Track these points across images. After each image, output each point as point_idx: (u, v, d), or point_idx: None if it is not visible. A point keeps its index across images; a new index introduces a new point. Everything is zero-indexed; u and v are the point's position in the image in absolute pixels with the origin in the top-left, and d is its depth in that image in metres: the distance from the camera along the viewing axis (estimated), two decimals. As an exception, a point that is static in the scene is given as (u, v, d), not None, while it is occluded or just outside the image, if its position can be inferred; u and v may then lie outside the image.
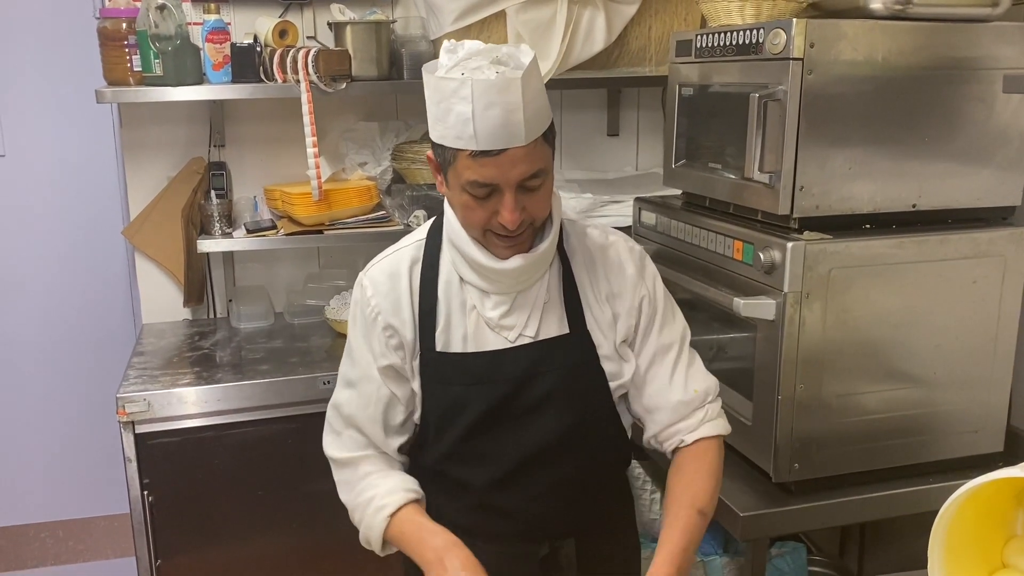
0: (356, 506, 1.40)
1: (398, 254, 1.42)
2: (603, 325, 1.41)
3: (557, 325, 1.39)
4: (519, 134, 1.22)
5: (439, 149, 1.29)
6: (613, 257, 1.44)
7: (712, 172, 1.95)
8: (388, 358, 1.38)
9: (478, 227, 1.30)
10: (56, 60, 2.98)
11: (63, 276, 3.13)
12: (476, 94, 1.19)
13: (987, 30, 1.74)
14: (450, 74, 1.23)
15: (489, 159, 1.22)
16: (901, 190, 1.76)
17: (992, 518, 1.17)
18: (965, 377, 1.82)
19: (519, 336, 1.37)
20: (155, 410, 2.17)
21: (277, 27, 2.46)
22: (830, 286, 1.69)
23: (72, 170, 3.07)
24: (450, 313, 1.37)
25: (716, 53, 1.88)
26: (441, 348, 1.37)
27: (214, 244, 2.52)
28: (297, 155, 2.59)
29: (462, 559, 1.27)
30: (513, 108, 1.20)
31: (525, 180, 1.25)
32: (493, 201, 1.26)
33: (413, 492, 1.39)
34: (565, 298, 1.40)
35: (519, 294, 1.37)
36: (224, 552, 2.31)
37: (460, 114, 1.21)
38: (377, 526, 1.36)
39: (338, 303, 2.68)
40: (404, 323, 1.37)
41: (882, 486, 1.79)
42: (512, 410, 1.37)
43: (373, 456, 1.42)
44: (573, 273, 1.41)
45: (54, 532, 3.27)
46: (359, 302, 1.41)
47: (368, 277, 1.41)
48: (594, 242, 1.45)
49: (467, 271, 1.36)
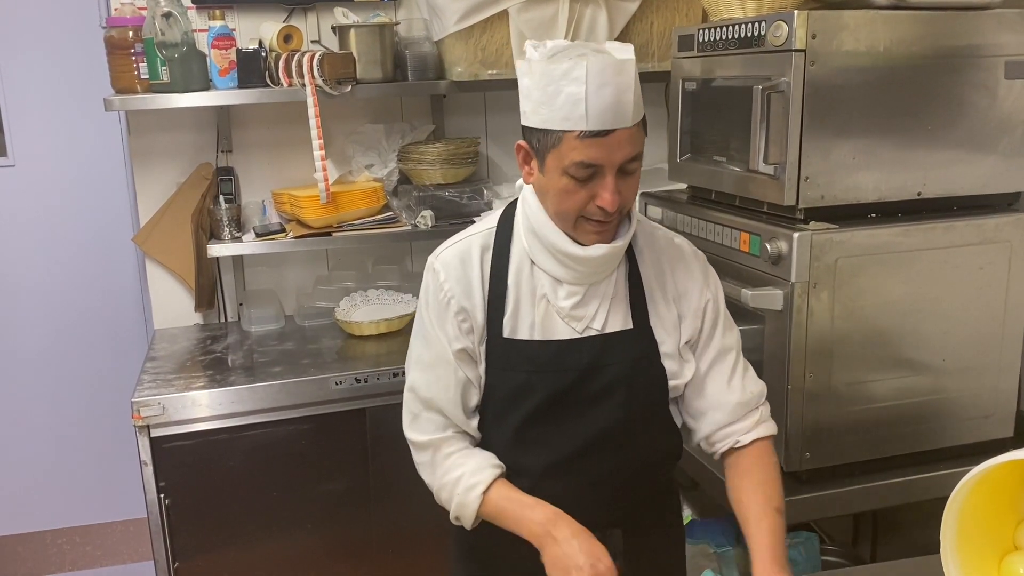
0: (443, 486, 1.41)
1: (469, 240, 1.43)
2: (667, 324, 1.43)
3: (622, 320, 1.41)
4: (627, 115, 1.25)
5: (539, 135, 1.29)
6: (680, 258, 1.46)
7: (717, 165, 1.96)
8: (461, 341, 1.39)
9: (573, 212, 1.30)
10: (63, 69, 3.00)
11: (75, 284, 3.15)
12: (591, 74, 1.22)
13: (988, 17, 1.74)
14: (559, 57, 1.25)
15: (597, 140, 1.24)
16: (906, 179, 1.77)
17: (1003, 501, 1.18)
18: (974, 363, 1.83)
19: (587, 328, 1.39)
20: (169, 414, 2.19)
21: (281, 32, 2.48)
22: (837, 275, 1.70)
23: (81, 178, 3.10)
24: (519, 300, 1.39)
25: (718, 47, 1.89)
26: (508, 334, 1.39)
27: (224, 248, 2.53)
28: (304, 158, 2.61)
29: (571, 528, 1.29)
30: (624, 89, 1.24)
31: (627, 162, 1.27)
32: (592, 185, 1.28)
33: (499, 467, 1.40)
34: (631, 294, 1.42)
35: (591, 286, 1.38)
36: (241, 553, 2.32)
37: (571, 95, 1.23)
38: (471, 504, 1.37)
39: (348, 305, 2.69)
40: (475, 307, 1.39)
41: (893, 473, 1.80)
42: (573, 399, 1.39)
43: (452, 437, 1.43)
44: (640, 270, 1.43)
45: (71, 538, 3.29)
46: (431, 286, 1.41)
47: (440, 261, 1.41)
48: (661, 242, 1.47)
49: (546, 259, 1.37)
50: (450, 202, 2.62)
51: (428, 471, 1.44)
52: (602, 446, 1.41)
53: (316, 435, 2.30)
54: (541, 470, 1.41)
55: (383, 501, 2.35)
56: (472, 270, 1.39)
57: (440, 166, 2.60)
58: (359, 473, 2.34)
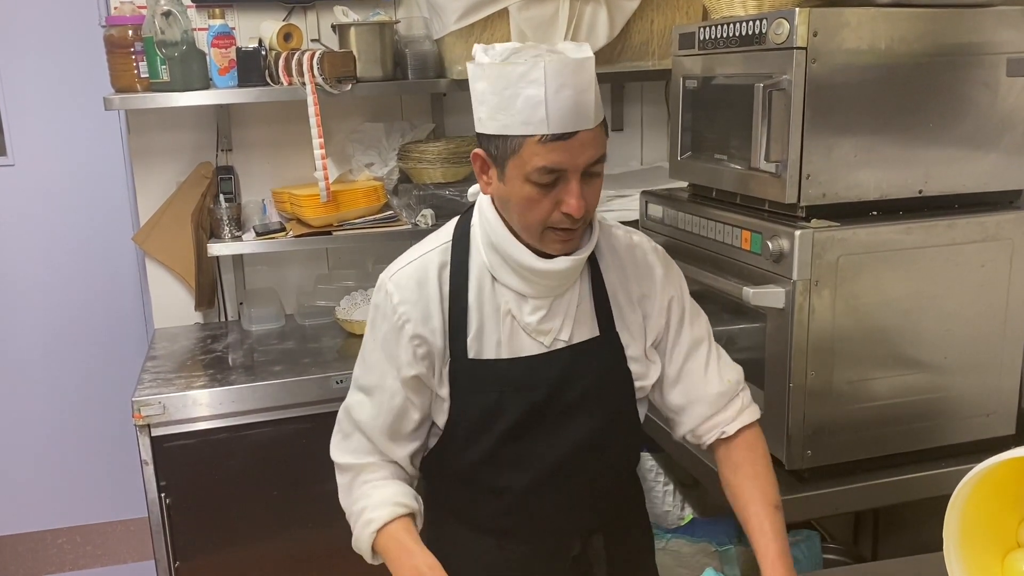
0: (350, 514, 1.39)
1: (425, 259, 1.36)
2: (632, 327, 1.40)
3: (588, 328, 1.38)
4: (589, 116, 1.20)
5: (497, 141, 1.24)
6: (640, 259, 1.43)
7: (718, 163, 1.96)
8: (414, 368, 1.33)
9: (539, 223, 1.25)
10: (63, 69, 3.01)
11: (75, 283, 3.15)
12: (549, 76, 1.17)
13: (989, 15, 1.74)
14: (513, 59, 1.21)
15: (560, 143, 1.19)
16: (907, 176, 1.77)
17: (1006, 499, 1.18)
18: (975, 361, 1.83)
19: (554, 341, 1.35)
20: (170, 413, 2.19)
21: (281, 31, 2.48)
22: (839, 273, 1.69)
23: (81, 177, 3.10)
24: (483, 319, 1.33)
25: (719, 45, 1.89)
26: (474, 355, 1.33)
27: (224, 248, 2.53)
28: (304, 157, 2.61)
29: None
30: (584, 89, 1.19)
31: (591, 165, 1.23)
32: (555, 191, 1.22)
33: (403, 507, 1.34)
34: (595, 301, 1.38)
35: (556, 298, 1.34)
36: (242, 552, 2.32)
37: (530, 98, 1.18)
38: (365, 539, 1.33)
39: (348, 303, 2.69)
40: (434, 332, 1.32)
41: (895, 471, 1.80)
42: (546, 414, 1.35)
43: (375, 464, 1.38)
44: (603, 276, 1.40)
45: (72, 538, 3.29)
46: (382, 307, 1.35)
47: (394, 282, 1.34)
48: (621, 243, 1.43)
49: (508, 275, 1.32)
50: (450, 201, 2.62)
51: (345, 495, 1.41)
52: (579, 456, 1.38)
53: (317, 434, 2.28)
54: (521, 488, 1.38)
55: (384, 500, 2.35)
56: (430, 291, 1.33)
57: (440, 165, 2.60)
58: (360, 472, 2.34)
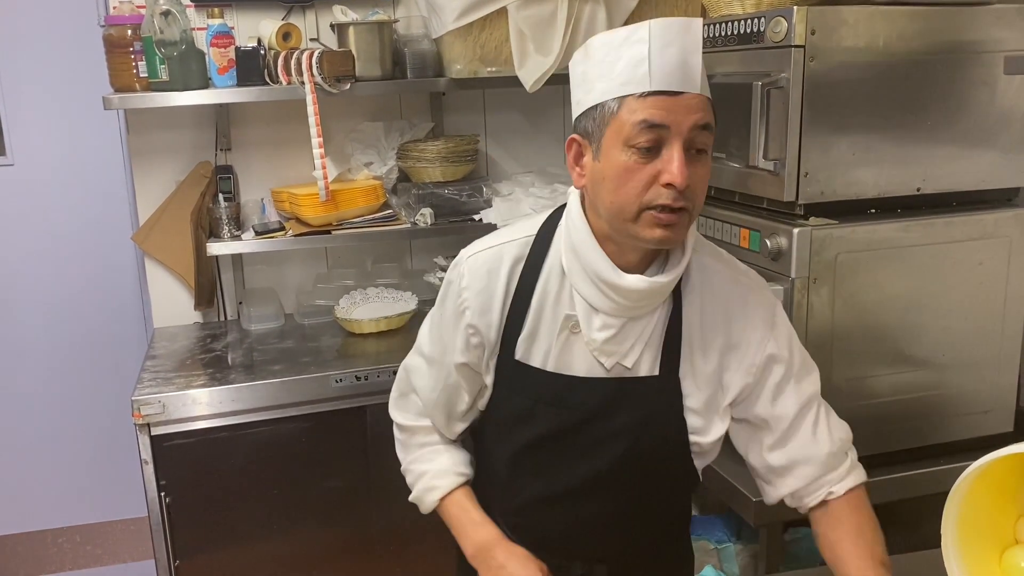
0: (408, 471, 1.45)
1: (503, 248, 1.30)
2: (700, 376, 1.29)
3: (650, 365, 1.28)
4: (695, 79, 1.13)
5: (594, 113, 1.17)
6: (739, 304, 1.30)
7: (717, 161, 1.95)
8: (465, 355, 1.32)
9: (635, 198, 1.14)
10: (62, 68, 3.00)
11: (74, 283, 3.15)
12: (654, 33, 1.11)
13: (987, 13, 1.75)
14: (618, 29, 1.16)
15: (662, 99, 1.11)
16: (905, 174, 1.77)
17: (1004, 495, 1.18)
18: (974, 358, 1.83)
19: (615, 365, 1.27)
20: (170, 412, 2.19)
21: (280, 30, 2.48)
22: (837, 271, 1.70)
23: (80, 177, 3.10)
24: (538, 324, 1.28)
25: (717, 43, 1.89)
26: (520, 357, 1.29)
27: (223, 247, 2.54)
28: (303, 156, 2.61)
29: (506, 553, 1.30)
30: (692, 50, 1.12)
31: (697, 131, 1.13)
32: (656, 163, 1.12)
33: (463, 475, 1.40)
34: (666, 338, 1.28)
35: (629, 321, 1.25)
36: (242, 551, 2.33)
37: (632, 57, 1.11)
38: (427, 504, 1.41)
39: (347, 303, 2.70)
40: (490, 325, 1.29)
41: (893, 468, 1.80)
42: (576, 438, 1.30)
43: (429, 427, 1.44)
44: (682, 312, 1.28)
45: (71, 537, 3.29)
46: (454, 285, 1.32)
47: (468, 265, 1.30)
48: (720, 282, 1.30)
49: (583, 283, 1.24)
50: (449, 200, 2.62)
51: (402, 450, 1.48)
52: (597, 487, 1.33)
53: (316, 433, 2.31)
54: (533, 499, 1.36)
55: (383, 498, 2.35)
56: (497, 284, 1.28)
57: (439, 164, 2.60)
58: (359, 471, 2.34)
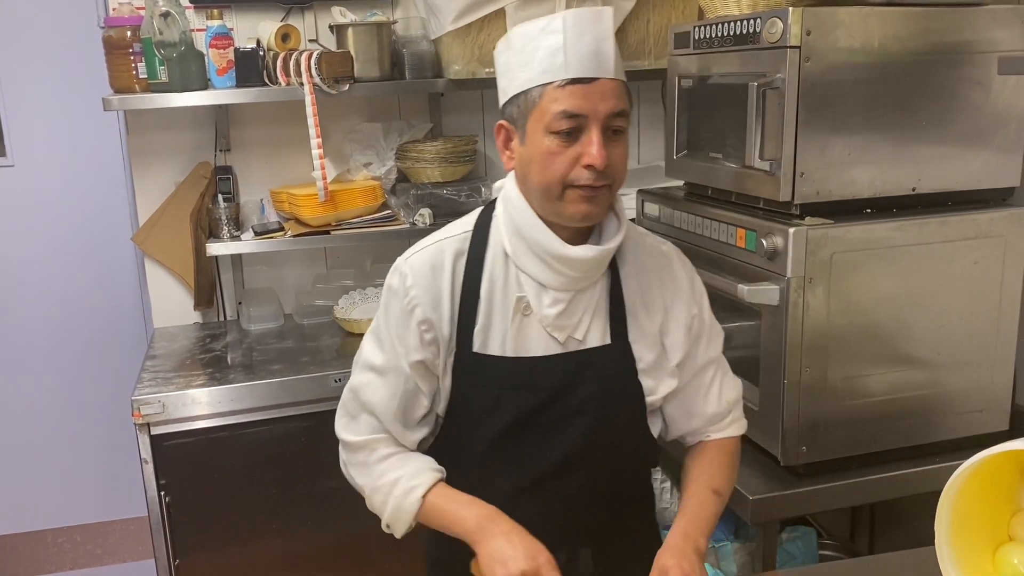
0: (377, 488, 1.36)
1: (442, 244, 1.35)
2: (648, 339, 1.37)
3: (600, 335, 1.35)
4: (609, 65, 1.21)
5: (519, 100, 1.24)
6: (667, 269, 1.41)
7: (713, 162, 1.97)
8: (421, 353, 1.32)
9: (559, 178, 1.22)
10: (62, 69, 3.01)
11: (74, 283, 3.16)
12: (568, 23, 1.20)
13: (981, 13, 1.75)
14: (534, 20, 1.23)
15: (579, 87, 1.20)
16: (901, 174, 1.78)
17: (998, 492, 1.18)
18: (969, 357, 1.84)
19: (568, 339, 1.33)
20: (169, 411, 2.20)
21: (279, 31, 2.49)
22: (832, 270, 1.71)
23: (80, 178, 3.11)
24: (491, 313, 1.32)
25: (714, 44, 1.90)
26: (478, 348, 1.32)
27: (223, 247, 2.54)
28: (302, 157, 2.62)
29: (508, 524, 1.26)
30: (604, 37, 1.21)
31: (612, 118, 1.22)
32: (577, 146, 1.22)
33: (439, 471, 1.35)
34: (611, 307, 1.36)
35: (576, 294, 1.32)
36: (241, 550, 2.33)
37: (549, 47, 1.20)
38: (409, 508, 1.32)
39: (346, 303, 2.71)
40: (442, 319, 1.32)
41: (890, 467, 1.81)
42: (545, 418, 1.34)
43: (387, 439, 1.37)
44: (621, 282, 1.37)
45: (72, 537, 3.30)
46: (396, 290, 1.34)
47: (409, 265, 1.33)
48: (648, 251, 1.40)
49: (531, 262, 1.30)
50: (448, 200, 2.63)
51: (362, 472, 1.39)
52: (573, 465, 1.36)
53: (316, 432, 2.31)
54: (510, 490, 1.36)
55: (383, 498, 2.36)
56: (443, 278, 1.32)
57: (438, 164, 2.61)
58: (359, 470, 2.35)
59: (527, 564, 1.20)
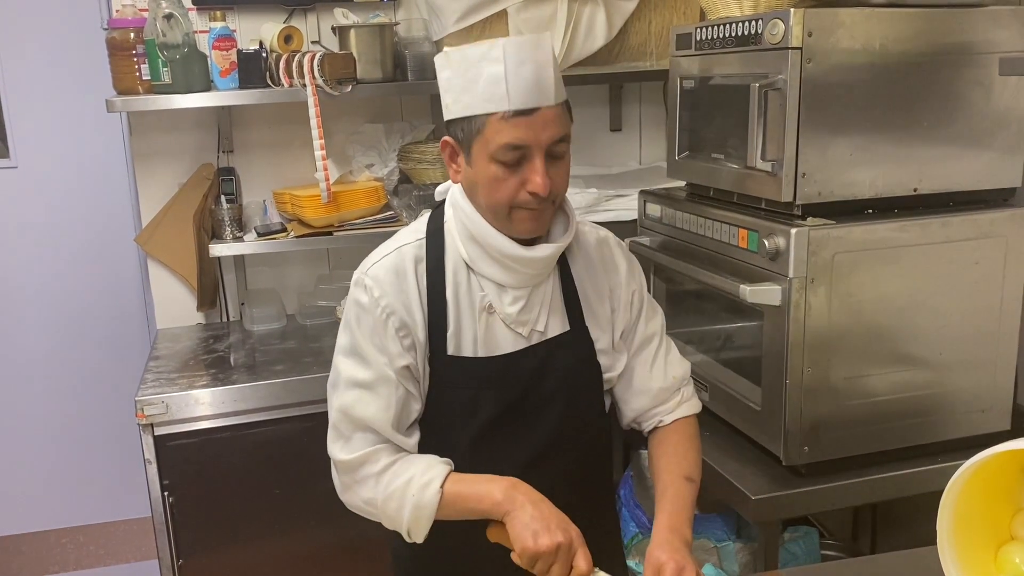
0: (390, 495, 1.31)
1: (399, 252, 1.36)
2: (601, 321, 1.44)
3: (560, 323, 1.40)
4: (549, 92, 1.24)
5: (462, 124, 1.27)
6: (608, 254, 1.47)
7: (715, 162, 1.97)
8: (405, 358, 1.33)
9: (505, 202, 1.28)
10: (65, 71, 3.02)
11: (78, 285, 3.17)
12: (508, 52, 1.22)
13: (982, 14, 1.76)
14: (475, 44, 1.25)
15: (522, 119, 1.23)
16: (902, 175, 1.79)
17: (999, 492, 1.19)
18: (970, 357, 1.84)
19: (532, 332, 1.38)
20: (173, 412, 2.20)
21: (282, 33, 2.50)
22: (834, 271, 1.71)
23: (83, 179, 3.12)
24: (460, 316, 1.35)
25: (716, 45, 1.91)
26: (453, 352, 1.35)
27: (225, 248, 2.55)
28: (305, 158, 2.62)
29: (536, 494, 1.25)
30: (544, 64, 1.24)
31: (554, 144, 1.26)
32: (521, 171, 1.26)
33: (447, 463, 1.33)
34: (565, 296, 1.41)
35: (533, 289, 1.37)
36: (244, 550, 2.34)
37: (491, 75, 1.22)
38: (429, 503, 1.28)
39: (349, 303, 2.71)
40: (416, 324, 1.33)
41: (891, 467, 1.82)
42: (520, 410, 1.38)
43: (387, 447, 1.35)
44: (571, 270, 1.43)
45: (75, 537, 3.31)
46: (365, 303, 1.33)
47: (371, 276, 1.34)
48: (589, 239, 1.47)
49: (488, 265, 1.34)
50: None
51: (368, 487, 1.34)
52: (551, 452, 1.40)
53: (318, 433, 2.28)
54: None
55: (385, 498, 2.36)
56: (408, 284, 1.33)
57: (440, 165, 2.61)
58: (361, 470, 2.35)
59: (563, 536, 1.20)
